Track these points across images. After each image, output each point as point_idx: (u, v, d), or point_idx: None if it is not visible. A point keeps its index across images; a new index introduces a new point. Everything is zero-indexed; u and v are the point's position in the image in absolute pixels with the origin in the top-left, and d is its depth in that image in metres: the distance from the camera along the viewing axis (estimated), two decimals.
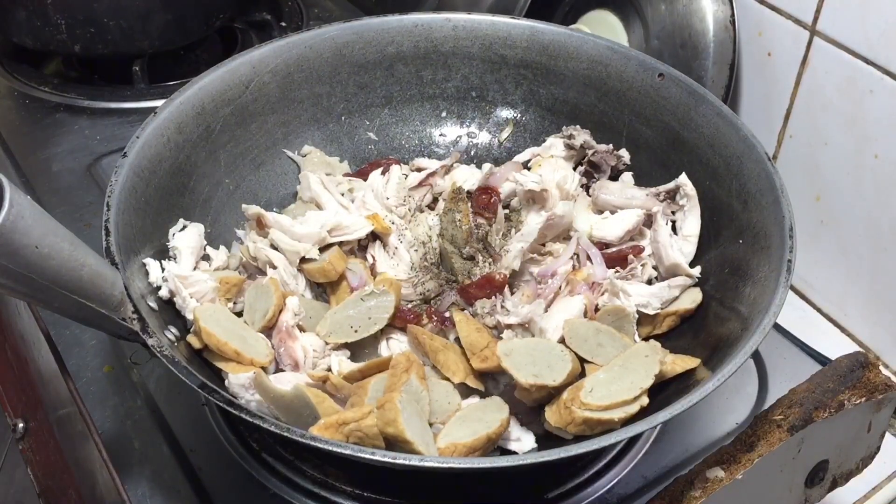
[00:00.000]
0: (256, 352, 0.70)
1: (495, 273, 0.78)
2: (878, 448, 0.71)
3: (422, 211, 0.90)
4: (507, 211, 0.87)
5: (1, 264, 0.53)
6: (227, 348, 0.68)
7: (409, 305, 0.78)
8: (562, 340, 0.72)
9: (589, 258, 0.80)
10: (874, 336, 0.94)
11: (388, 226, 0.83)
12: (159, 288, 0.71)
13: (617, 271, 0.80)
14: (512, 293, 0.78)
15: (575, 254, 0.81)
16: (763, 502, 0.65)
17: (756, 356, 0.86)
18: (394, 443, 0.61)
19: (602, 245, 0.82)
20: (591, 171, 0.90)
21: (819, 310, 0.99)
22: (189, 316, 0.71)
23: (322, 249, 0.79)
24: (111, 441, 0.76)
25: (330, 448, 0.56)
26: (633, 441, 0.76)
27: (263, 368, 0.70)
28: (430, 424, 0.65)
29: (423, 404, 0.65)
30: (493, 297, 0.77)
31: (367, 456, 0.55)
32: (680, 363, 0.68)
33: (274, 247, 0.79)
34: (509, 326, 0.74)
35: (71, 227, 0.58)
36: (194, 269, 0.76)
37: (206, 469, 0.73)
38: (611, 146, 0.90)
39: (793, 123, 0.96)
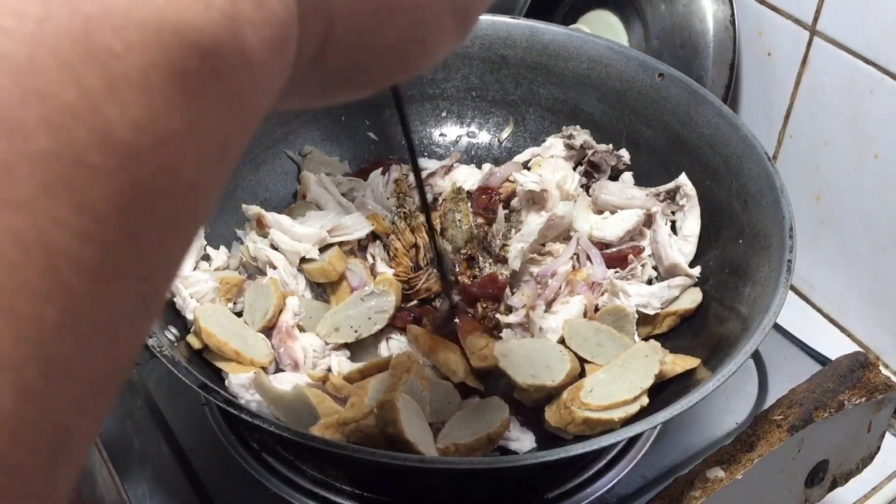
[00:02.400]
0: (256, 352, 0.70)
1: (497, 273, 0.78)
2: (878, 448, 0.71)
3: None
4: (507, 211, 0.87)
5: None
6: (227, 348, 0.68)
7: (410, 305, 0.78)
8: (561, 340, 0.72)
9: (589, 258, 0.80)
10: (874, 336, 0.94)
11: (388, 226, 0.83)
12: None
13: (617, 271, 0.80)
14: (512, 293, 0.78)
15: (575, 254, 0.81)
16: (763, 502, 0.65)
17: (756, 356, 0.86)
18: (394, 443, 0.61)
19: (602, 245, 0.82)
20: (591, 171, 0.90)
21: (819, 310, 0.99)
22: (189, 316, 0.71)
23: (322, 249, 0.79)
24: (111, 441, 0.76)
25: (330, 448, 0.56)
26: (633, 441, 0.76)
27: (263, 368, 0.70)
28: (430, 424, 0.65)
29: (423, 404, 0.65)
30: (494, 297, 0.77)
31: (367, 456, 0.55)
32: (680, 363, 0.68)
33: (274, 247, 0.79)
34: (509, 326, 0.74)
35: None
36: (194, 269, 0.76)
37: (206, 469, 0.73)
38: (611, 146, 0.90)
39: (793, 123, 0.96)
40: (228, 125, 0.23)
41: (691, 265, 0.79)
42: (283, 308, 0.74)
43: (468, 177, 0.92)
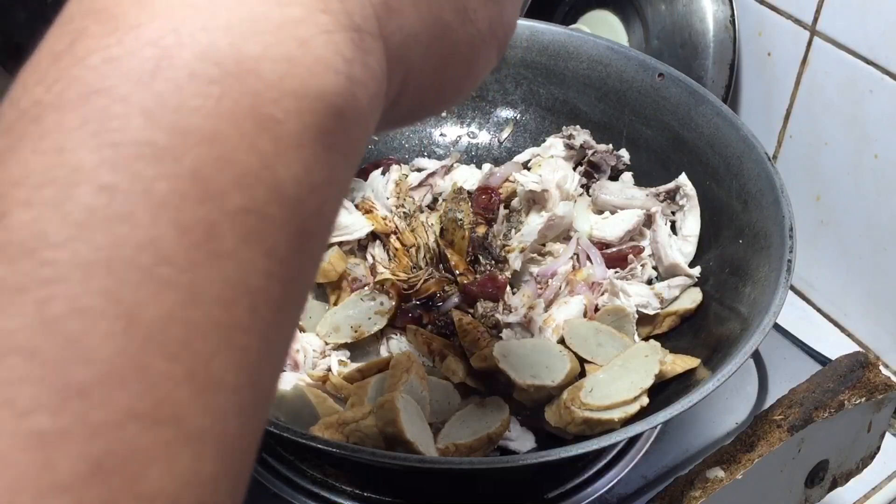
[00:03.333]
0: None
1: (498, 273, 0.78)
2: (878, 448, 0.71)
3: (422, 211, 0.90)
4: (507, 211, 0.87)
5: None
6: None
7: (409, 305, 0.78)
8: (561, 340, 0.72)
9: (589, 258, 0.80)
10: (874, 336, 0.94)
11: (388, 226, 0.83)
12: None
13: (617, 271, 0.80)
14: (512, 293, 0.78)
15: (575, 254, 0.81)
16: (763, 502, 0.65)
17: (756, 356, 0.86)
18: (394, 443, 0.61)
19: (602, 245, 0.82)
20: (591, 171, 0.90)
21: (819, 310, 0.99)
22: None
23: None
24: None
25: (330, 448, 0.56)
26: (633, 441, 0.76)
27: None
28: (430, 424, 0.65)
29: (423, 404, 0.65)
30: (494, 297, 0.77)
31: (367, 456, 0.55)
32: (680, 363, 0.68)
33: None
34: (508, 326, 0.74)
35: None
36: None
37: None
38: (611, 146, 0.90)
39: (793, 123, 0.96)
40: (348, 170, 0.27)
41: (691, 265, 0.79)
42: None
43: (468, 177, 0.91)
